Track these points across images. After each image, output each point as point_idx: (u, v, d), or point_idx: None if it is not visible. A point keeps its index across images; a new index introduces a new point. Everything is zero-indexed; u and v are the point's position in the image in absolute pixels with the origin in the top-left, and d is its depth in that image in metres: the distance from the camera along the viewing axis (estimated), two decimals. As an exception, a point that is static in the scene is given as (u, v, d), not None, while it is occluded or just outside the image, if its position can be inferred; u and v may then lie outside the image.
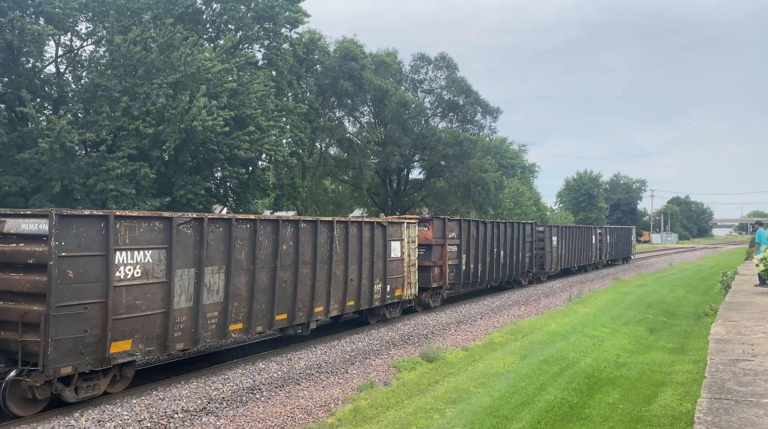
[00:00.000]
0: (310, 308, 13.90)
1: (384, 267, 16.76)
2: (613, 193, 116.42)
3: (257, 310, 12.32)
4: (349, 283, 15.24)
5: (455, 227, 21.40)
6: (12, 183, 18.86)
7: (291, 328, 13.63)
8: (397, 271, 17.52)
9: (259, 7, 27.19)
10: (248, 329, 12.18)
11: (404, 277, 17.83)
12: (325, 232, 14.40)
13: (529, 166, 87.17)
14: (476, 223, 23.29)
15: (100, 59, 22.92)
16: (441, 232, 20.39)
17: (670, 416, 10.13)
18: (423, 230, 19.90)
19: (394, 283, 17.35)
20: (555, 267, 31.95)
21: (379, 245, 16.56)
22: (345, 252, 15.09)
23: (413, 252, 18.40)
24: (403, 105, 39.66)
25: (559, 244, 32.13)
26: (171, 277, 10.42)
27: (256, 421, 9.58)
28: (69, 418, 9.13)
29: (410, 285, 18.28)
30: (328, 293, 14.49)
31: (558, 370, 13.17)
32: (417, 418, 9.73)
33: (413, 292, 18.47)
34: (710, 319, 16.61)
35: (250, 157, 22.26)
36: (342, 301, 15.09)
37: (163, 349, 10.49)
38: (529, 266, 28.32)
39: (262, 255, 12.37)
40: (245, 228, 12.04)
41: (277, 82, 28.08)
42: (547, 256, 30.37)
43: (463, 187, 42.94)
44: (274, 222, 12.80)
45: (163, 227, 10.38)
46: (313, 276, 13.93)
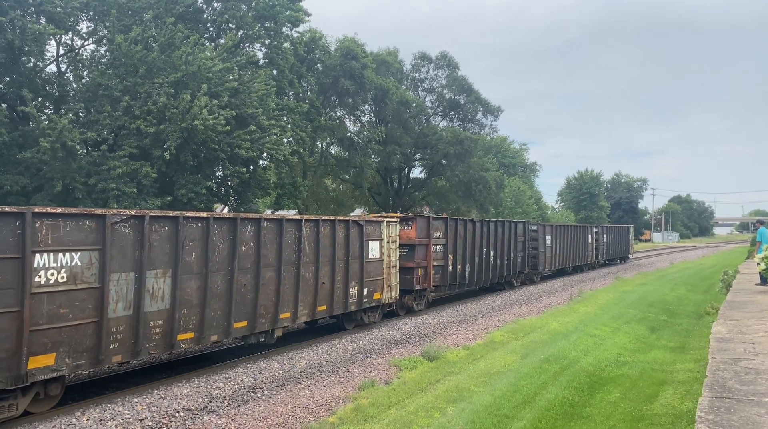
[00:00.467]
0: (275, 314, 12.79)
1: (361, 269, 15.68)
2: (614, 192, 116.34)
3: (211, 317, 11.24)
4: (320, 286, 14.14)
5: (441, 226, 20.36)
6: (13, 182, 18.89)
7: (253, 336, 12.53)
8: (376, 272, 16.39)
9: (259, 6, 27.19)
10: (201, 338, 11.13)
11: (384, 279, 16.73)
12: (291, 232, 13.31)
13: (530, 165, 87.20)
14: (464, 221, 22.17)
15: (101, 58, 22.92)
16: (425, 232, 19.33)
17: (671, 415, 10.13)
18: (406, 229, 18.91)
19: (372, 285, 16.22)
20: (549, 267, 30.93)
21: (355, 245, 15.45)
22: (315, 253, 13.99)
23: (394, 252, 17.34)
24: (404, 104, 39.65)
25: (553, 243, 31.13)
26: (105, 282, 9.35)
27: (258, 420, 9.59)
28: (71, 417, 9.14)
29: (390, 287, 17.17)
30: (295, 298, 13.37)
31: (559, 368, 13.17)
32: (418, 417, 9.74)
33: (394, 295, 17.40)
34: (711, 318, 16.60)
35: (251, 156, 22.27)
36: (312, 306, 13.98)
37: (96, 362, 9.40)
38: (521, 266, 27.33)
39: (216, 257, 11.31)
40: (196, 227, 10.99)
41: (278, 81, 28.09)
42: (540, 255, 29.39)
43: (464, 186, 42.94)
44: (230, 220, 11.75)
45: (95, 226, 9.31)
46: (278, 279, 12.83)
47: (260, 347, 13.89)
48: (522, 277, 28.04)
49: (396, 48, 45.98)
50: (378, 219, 16.82)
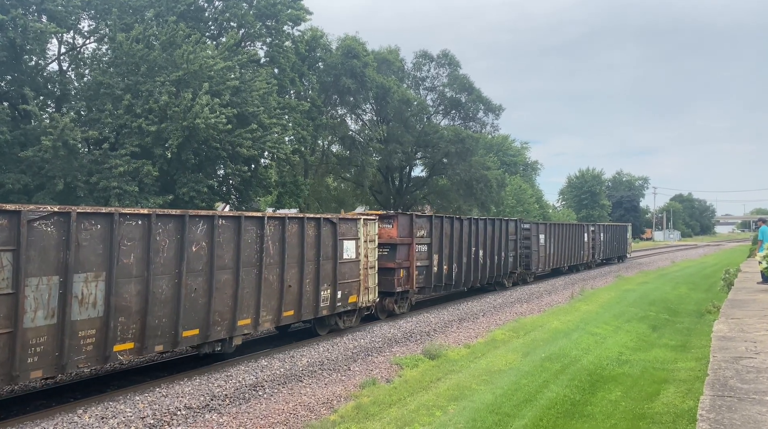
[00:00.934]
0: (232, 321, 11.72)
1: (334, 270, 14.65)
2: (616, 190, 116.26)
3: (154, 325, 10.19)
4: (286, 289, 13.06)
5: (425, 224, 19.25)
6: (15, 181, 18.92)
7: (207, 345, 11.48)
8: (352, 274, 15.32)
9: (261, 4, 27.20)
10: (143, 349, 10.07)
11: (360, 281, 15.66)
12: (252, 230, 12.25)
13: (531, 163, 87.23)
14: (450, 219, 20.99)
15: (103, 57, 22.95)
16: (408, 230, 18.18)
17: (673, 414, 10.13)
18: (386, 228, 17.77)
19: (347, 288, 15.18)
20: (543, 267, 29.82)
21: (327, 245, 14.42)
22: (281, 253, 12.91)
23: (372, 252, 16.28)
24: (406, 102, 39.65)
25: (548, 242, 30.04)
26: (20, 288, 8.29)
27: (259, 418, 9.60)
28: (72, 414, 9.16)
29: (368, 290, 16.08)
30: (257, 303, 12.29)
31: (560, 367, 13.17)
32: (419, 415, 9.74)
33: (372, 298, 16.32)
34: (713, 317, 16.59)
35: (252, 154, 22.30)
36: (277, 312, 12.89)
37: (9, 379, 8.33)
38: (512, 266, 26.21)
39: (160, 259, 10.26)
40: (135, 225, 9.91)
41: (280, 79, 28.11)
42: (533, 255, 28.26)
43: (466, 185, 42.94)
44: (177, 218, 10.66)
45: (8, 224, 8.26)
46: (236, 283, 11.75)
47: (264, 345, 13.88)
48: (514, 278, 27.02)
49: (397, 46, 46.01)
50: (354, 217, 15.73)
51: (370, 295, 16.33)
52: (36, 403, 10.04)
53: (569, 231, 33.50)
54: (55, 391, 10.67)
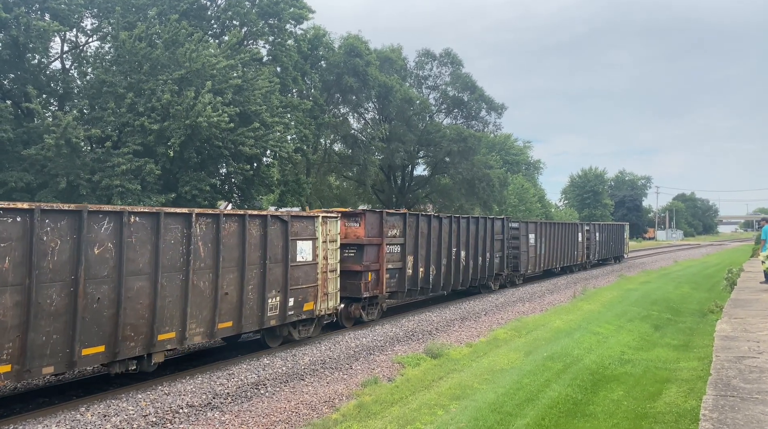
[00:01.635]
0: (150, 336, 10.12)
1: (284, 275, 13.04)
2: (618, 189, 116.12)
3: (41, 343, 8.61)
4: (222, 297, 11.46)
5: (398, 223, 17.73)
6: (18, 179, 18.95)
7: (117, 364, 9.90)
8: (307, 279, 13.73)
9: (263, 3, 27.20)
10: (23, 372, 8.43)
11: (318, 286, 14.01)
12: (176, 230, 10.62)
13: (533, 162, 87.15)
14: (427, 218, 19.46)
15: (106, 55, 22.98)
16: (377, 229, 16.70)
17: (675, 413, 10.12)
18: (353, 227, 16.41)
19: (301, 294, 13.55)
20: (533, 268, 28.31)
21: (276, 246, 12.83)
22: (215, 256, 11.33)
23: (334, 254, 14.68)
24: (408, 101, 39.64)
25: (538, 242, 28.54)
26: None
27: (261, 417, 9.61)
28: (75, 412, 9.18)
29: (328, 296, 14.45)
30: (183, 313, 10.69)
31: (562, 366, 13.16)
32: (421, 414, 9.74)
33: (333, 305, 14.73)
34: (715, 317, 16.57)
35: (254, 153, 22.31)
36: (210, 323, 11.28)
37: None
38: (499, 268, 24.65)
39: (49, 263, 8.71)
40: (10, 223, 8.32)
41: (282, 78, 28.11)
42: (522, 256, 26.78)
43: (468, 184, 42.93)
44: (73, 214, 9.04)
45: None
46: (154, 291, 10.13)
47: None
48: (501, 280, 25.42)
49: (400, 45, 45.98)
50: (310, 214, 14.10)
51: (331, 301, 14.62)
52: (39, 400, 10.07)
53: (562, 230, 32.04)
54: (58, 389, 10.69)
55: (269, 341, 13.65)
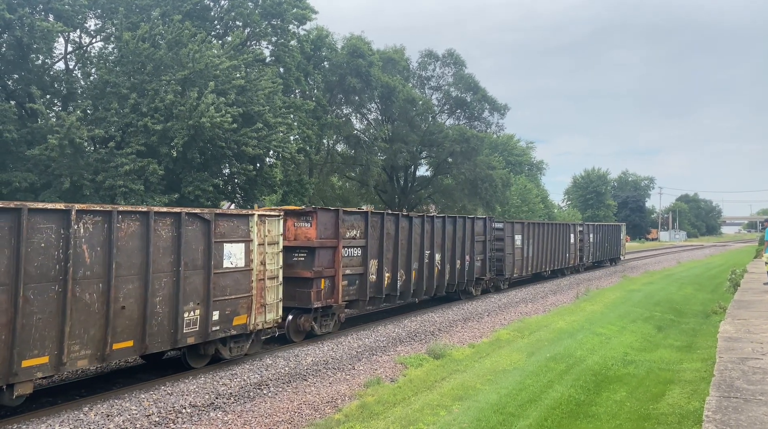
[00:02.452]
0: (8, 361, 8.24)
1: (206, 283, 11.13)
2: (621, 190, 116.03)
3: None
4: (116, 312, 9.60)
5: (358, 223, 15.85)
6: (22, 179, 19.01)
7: None
8: (238, 288, 11.81)
9: (266, 3, 27.25)
10: None
11: (253, 296, 12.11)
12: (48, 230, 8.73)
13: (536, 163, 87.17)
14: (395, 217, 17.53)
15: (109, 56, 23.04)
16: (332, 230, 14.83)
17: (678, 414, 10.10)
18: (303, 227, 14.49)
19: (229, 306, 11.66)
20: (520, 272, 26.51)
21: (194, 250, 10.94)
22: (105, 262, 9.46)
23: (274, 259, 12.79)
24: (411, 102, 39.67)
25: (525, 244, 26.77)
26: None
27: (264, 417, 9.62)
28: (78, 412, 9.20)
29: (266, 307, 12.54)
30: (59, 333, 8.80)
31: (565, 367, 13.15)
32: (423, 415, 9.74)
33: (273, 317, 12.80)
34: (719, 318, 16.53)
35: (257, 153, 22.34)
36: (101, 343, 9.40)
37: None
38: (480, 272, 22.76)
39: None
40: None
41: (285, 78, 28.15)
42: (507, 258, 24.95)
43: (471, 184, 42.93)
44: None
45: None
46: (13, 306, 8.27)
47: (267, 343, 13.88)
48: (483, 285, 23.53)
49: (403, 46, 46.06)
50: (242, 212, 12.29)
51: (270, 313, 12.71)
52: (42, 400, 10.09)
53: (552, 231, 30.18)
54: (61, 389, 10.72)
55: (192, 361, 11.71)
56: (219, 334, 11.54)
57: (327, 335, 15.09)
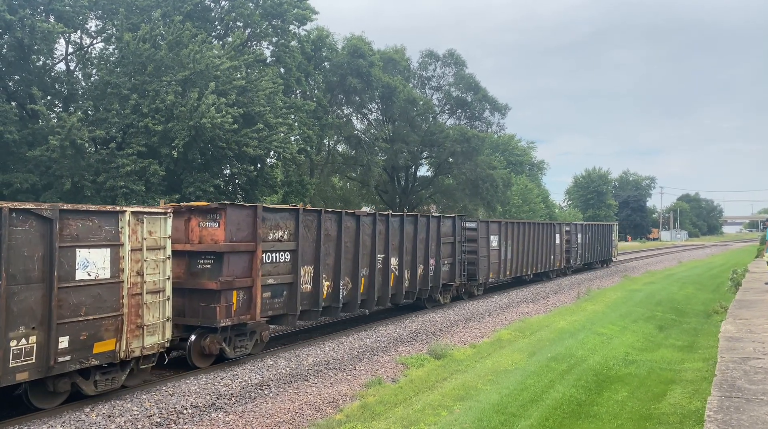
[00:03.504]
0: None
1: (46, 301, 8.76)
2: (622, 190, 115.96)
3: None
4: None
5: (286, 223, 13.27)
6: (23, 180, 19.04)
7: None
8: (100, 305, 9.41)
9: (267, 4, 27.27)
10: None
11: (123, 315, 9.75)
12: None
13: (537, 163, 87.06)
14: (336, 215, 14.94)
15: (110, 57, 23.08)
16: (248, 231, 12.30)
17: (680, 414, 10.09)
18: (210, 227, 11.99)
19: (86, 329, 9.25)
20: (497, 276, 24.31)
21: (27, 257, 8.56)
22: None
23: (158, 267, 10.41)
24: (411, 102, 39.67)
25: (503, 245, 24.61)
26: None
27: (265, 417, 9.63)
28: (80, 413, 9.21)
29: (145, 328, 10.17)
30: None
31: (566, 367, 13.14)
32: (425, 415, 9.74)
33: (158, 341, 10.41)
34: (720, 317, 16.51)
35: (258, 154, 22.36)
36: None
37: None
38: (448, 277, 20.38)
39: None
40: None
41: (286, 79, 28.17)
42: (481, 261, 22.61)
43: (471, 184, 42.93)
44: None
45: None
46: None
47: (268, 343, 13.88)
48: (453, 292, 21.26)
49: (403, 46, 46.05)
50: (105, 209, 9.74)
51: (152, 336, 10.32)
52: (43, 401, 10.08)
53: (534, 231, 28.00)
54: (63, 390, 10.71)
55: (36, 400, 9.19)
56: (72, 365, 9.08)
57: (246, 357, 12.60)
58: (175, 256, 11.20)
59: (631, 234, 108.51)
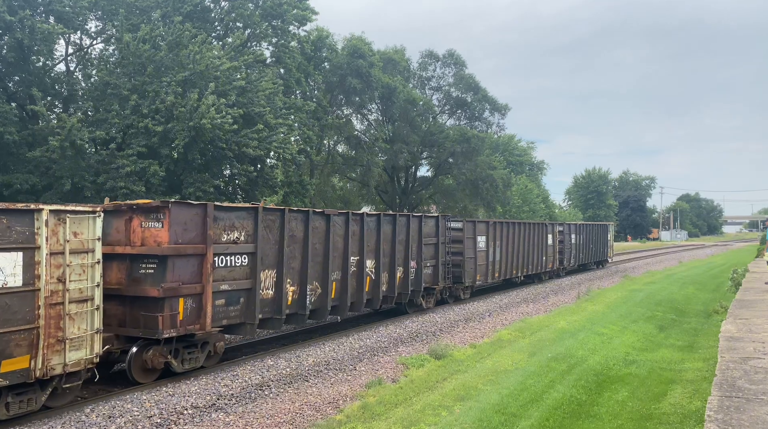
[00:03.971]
0: None
1: None
2: (623, 190, 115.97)
3: None
4: None
5: (243, 223, 12.15)
6: (23, 181, 19.04)
7: None
8: (8, 318, 8.32)
9: (267, 4, 27.28)
10: None
11: (39, 328, 8.62)
12: None
13: (537, 163, 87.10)
14: (302, 215, 13.78)
15: (110, 57, 23.09)
16: (197, 232, 11.20)
17: (680, 414, 10.09)
18: (152, 228, 10.83)
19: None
20: (484, 278, 23.26)
21: None
22: None
23: (85, 273, 9.30)
24: (411, 102, 39.67)
25: (491, 246, 23.48)
26: None
27: (265, 418, 9.63)
28: (80, 413, 9.21)
29: (68, 342, 9.04)
30: None
31: (566, 367, 13.14)
32: (425, 415, 9.74)
33: (85, 356, 9.29)
34: (720, 317, 16.52)
35: (258, 154, 22.35)
36: None
37: None
38: (432, 280, 19.37)
39: None
40: None
41: (285, 79, 28.18)
42: (467, 263, 21.45)
43: (471, 185, 42.93)
44: None
45: None
46: None
47: (269, 343, 13.88)
48: (436, 295, 20.16)
49: (403, 46, 46.14)
50: (15, 207, 8.49)
51: (78, 351, 9.20)
52: (44, 402, 10.09)
53: (525, 232, 26.77)
54: (63, 390, 10.70)
55: None
56: None
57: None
58: (115, 260, 10.73)
59: (631, 234, 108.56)
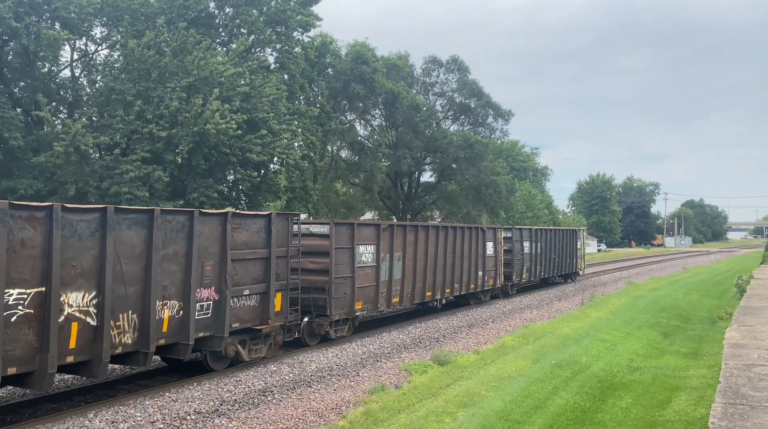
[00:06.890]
0: None
1: None
2: (626, 196, 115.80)
3: None
4: None
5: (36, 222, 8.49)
6: (27, 186, 19.12)
7: None
8: None
9: (271, 11, 27.39)
10: None
11: None
12: None
13: (541, 169, 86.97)
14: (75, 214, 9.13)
15: (115, 63, 23.22)
16: None
17: (684, 421, 10.04)
18: None
19: None
20: (372, 305, 16.02)
21: None
22: None
23: None
24: (415, 108, 39.72)
25: (386, 260, 16.41)
26: None
27: (268, 424, 9.61)
28: (83, 418, 9.20)
29: None
30: None
31: (570, 374, 13.09)
32: (428, 422, 9.71)
33: None
34: (725, 324, 16.44)
35: (262, 160, 22.42)
36: None
37: None
38: (251, 317, 12.05)
39: None
40: None
41: (289, 85, 28.27)
42: (336, 288, 14.55)
43: (475, 190, 42.90)
44: None
45: None
46: None
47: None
48: (272, 341, 12.92)
49: (407, 52, 46.19)
50: None
51: None
52: (47, 406, 10.10)
53: (448, 239, 19.69)
54: (66, 395, 10.73)
55: None
56: None
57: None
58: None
59: (635, 240, 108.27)
